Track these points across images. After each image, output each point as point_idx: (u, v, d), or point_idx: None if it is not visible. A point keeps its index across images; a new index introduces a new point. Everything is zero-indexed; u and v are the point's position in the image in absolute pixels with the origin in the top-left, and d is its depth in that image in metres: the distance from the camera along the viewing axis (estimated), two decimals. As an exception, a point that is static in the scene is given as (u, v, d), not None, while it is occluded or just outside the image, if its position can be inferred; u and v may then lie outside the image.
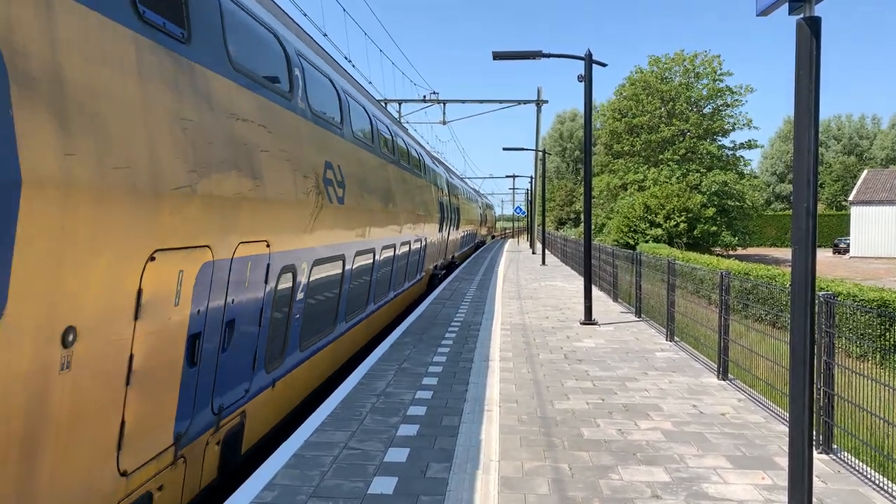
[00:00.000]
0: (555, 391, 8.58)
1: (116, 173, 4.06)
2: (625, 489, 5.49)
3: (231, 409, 6.18)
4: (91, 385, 4.01)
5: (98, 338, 4.01)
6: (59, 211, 3.57)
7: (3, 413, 3.34)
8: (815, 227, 4.32)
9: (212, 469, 5.95)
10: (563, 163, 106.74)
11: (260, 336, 6.65)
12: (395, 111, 40.73)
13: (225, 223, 5.48)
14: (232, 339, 5.98)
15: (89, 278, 3.87)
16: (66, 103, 3.69)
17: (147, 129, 4.46)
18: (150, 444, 4.78)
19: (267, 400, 7.14)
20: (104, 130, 4.01)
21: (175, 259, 4.75)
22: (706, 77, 57.01)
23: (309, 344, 8.51)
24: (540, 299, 18.50)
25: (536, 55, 13.98)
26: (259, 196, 6.14)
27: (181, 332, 5.02)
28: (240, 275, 5.92)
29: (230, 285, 5.76)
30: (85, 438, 4.02)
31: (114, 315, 4.16)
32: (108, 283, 4.05)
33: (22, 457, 3.50)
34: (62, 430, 3.79)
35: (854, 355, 8.40)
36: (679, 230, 47.17)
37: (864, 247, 54.14)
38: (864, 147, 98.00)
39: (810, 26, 4.23)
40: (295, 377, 8.03)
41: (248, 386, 6.53)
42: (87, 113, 3.87)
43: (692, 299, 11.95)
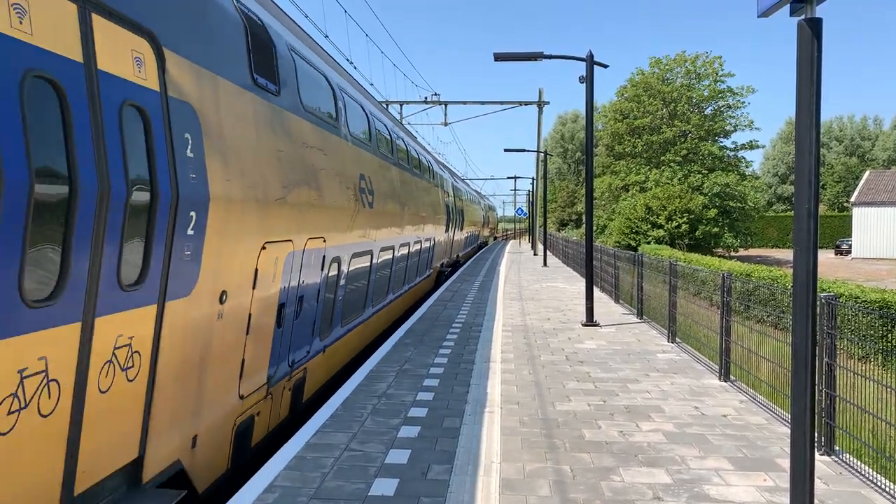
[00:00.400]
0: (556, 393, 8.57)
1: (248, 190, 5.89)
2: (626, 491, 5.48)
3: (299, 364, 8.09)
4: (230, 332, 5.85)
5: (235, 299, 5.86)
6: (223, 217, 5.38)
7: (195, 344, 5.21)
8: (816, 229, 4.31)
9: (286, 408, 7.88)
10: (565, 164, 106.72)
11: (317, 311, 8.50)
12: (397, 112, 40.75)
13: (300, 224, 7.32)
14: (301, 311, 7.81)
15: (234, 259, 5.74)
16: (224, 144, 5.50)
17: (261, 158, 6.26)
18: (255, 379, 6.63)
19: (320, 361, 9.05)
20: (241, 161, 5.81)
21: (274, 249, 6.63)
22: (707, 78, 56.97)
23: (347, 322, 10.38)
24: (541, 300, 18.49)
25: (538, 56, 13.97)
26: (320, 203, 8.01)
27: (274, 301, 6.84)
28: (307, 263, 7.77)
29: (301, 270, 7.60)
30: (226, 366, 5.89)
31: (244, 284, 6.00)
32: (242, 263, 5.91)
33: (198, 371, 5.36)
34: (216, 360, 5.64)
35: (856, 357, 8.38)
36: (681, 231, 47.13)
37: (866, 248, 54.07)
38: (866, 148, 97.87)
39: (811, 27, 4.23)
40: (337, 347, 9.86)
41: (309, 349, 8.44)
42: (233, 150, 5.67)
43: (694, 301, 11.94)
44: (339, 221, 8.93)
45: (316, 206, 7.83)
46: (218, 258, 5.42)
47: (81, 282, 3.86)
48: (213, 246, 5.28)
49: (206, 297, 5.31)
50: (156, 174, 4.54)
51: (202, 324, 5.33)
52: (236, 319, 5.94)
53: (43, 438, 3.70)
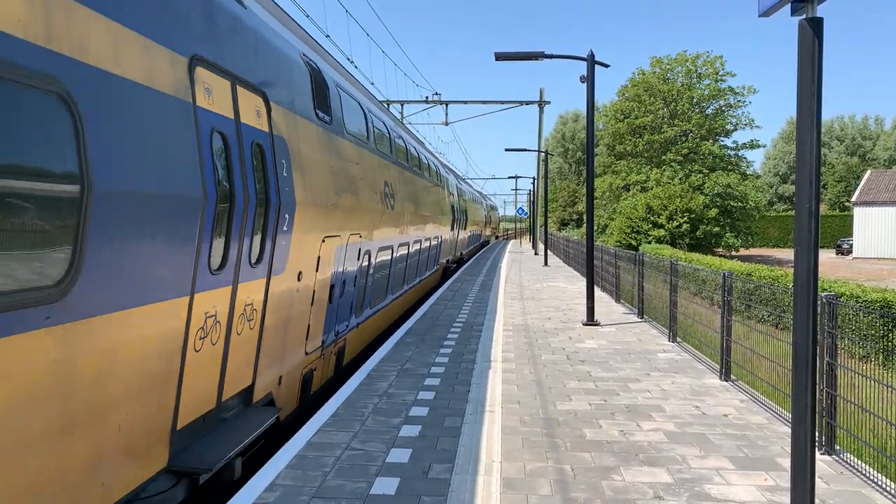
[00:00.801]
0: (557, 392, 8.58)
1: (315, 197, 7.76)
2: (627, 490, 5.49)
3: (342, 334, 9.91)
4: (302, 302, 7.69)
5: (307, 278, 7.68)
6: (302, 217, 7.18)
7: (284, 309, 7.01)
8: (817, 228, 4.31)
9: (331, 368, 9.71)
10: (566, 164, 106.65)
11: (354, 293, 10.34)
12: (398, 112, 40.74)
13: (346, 222, 9.19)
14: (344, 292, 9.66)
15: (306, 248, 7.54)
16: (301, 163, 7.36)
17: (322, 172, 8.16)
18: (315, 342, 8.48)
19: (355, 335, 10.89)
20: (311, 176, 7.69)
21: (330, 242, 8.51)
22: (708, 77, 56.95)
23: (374, 304, 12.17)
24: (542, 300, 18.49)
25: (539, 56, 13.98)
26: (358, 206, 9.88)
27: (328, 282, 8.68)
28: (349, 254, 9.64)
29: (345, 260, 9.43)
30: (299, 328, 7.70)
31: (311, 268, 7.82)
32: (310, 251, 7.74)
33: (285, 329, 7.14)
34: (294, 322, 7.46)
35: (857, 356, 8.38)
36: (682, 231, 47.12)
37: (867, 248, 54.04)
38: (867, 148, 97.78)
39: (812, 27, 4.23)
40: (366, 325, 11.68)
41: (348, 323, 10.25)
42: (306, 168, 7.53)
43: (695, 300, 11.94)
44: (371, 221, 10.82)
45: (356, 209, 9.74)
46: (298, 247, 7.29)
47: (233, 260, 5.69)
48: (296, 238, 7.18)
49: (291, 275, 7.22)
50: (269, 189, 6.38)
51: (287, 294, 7.19)
52: (306, 294, 7.86)
53: (211, 358, 5.50)
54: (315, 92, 8.26)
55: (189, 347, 5.08)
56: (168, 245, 4.63)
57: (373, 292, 11.73)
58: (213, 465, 5.19)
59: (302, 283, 7.58)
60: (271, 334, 6.77)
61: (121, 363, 4.24)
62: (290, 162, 6.98)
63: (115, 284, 4.06)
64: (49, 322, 3.49)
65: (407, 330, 13.24)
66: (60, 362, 3.63)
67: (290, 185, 6.92)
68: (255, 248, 6.17)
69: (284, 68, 7.28)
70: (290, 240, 6.99)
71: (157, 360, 4.66)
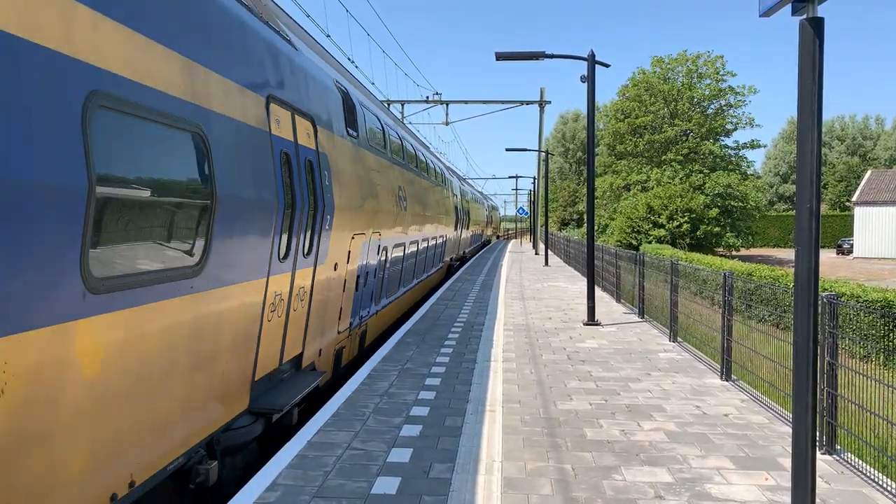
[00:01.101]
0: (558, 392, 8.58)
1: (348, 202, 9.12)
2: (628, 490, 5.49)
3: (364, 319, 11.27)
4: (336, 288, 9.05)
5: (341, 268, 9.11)
6: (338, 218, 8.47)
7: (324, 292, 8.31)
8: (818, 228, 4.32)
9: (356, 348, 11.11)
10: (566, 163, 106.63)
11: (375, 283, 11.73)
12: (398, 112, 40.74)
13: (369, 222, 10.56)
14: (367, 282, 11.02)
15: (341, 243, 8.90)
16: (338, 173, 8.72)
17: (352, 180, 9.60)
18: (345, 323, 9.90)
19: (373, 321, 12.24)
20: (344, 183, 9.08)
21: (358, 238, 9.90)
22: (709, 77, 56.95)
23: (389, 294, 13.60)
24: (543, 300, 18.49)
25: (539, 56, 13.98)
26: (378, 208, 11.20)
27: (355, 273, 10.09)
28: (371, 249, 10.97)
29: (368, 254, 10.76)
30: (334, 310, 9.09)
31: (344, 259, 9.24)
32: (343, 246, 9.10)
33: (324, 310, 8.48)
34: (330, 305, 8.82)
35: (857, 356, 8.38)
36: (682, 231, 47.12)
37: (868, 247, 54.03)
38: (868, 148, 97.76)
39: (813, 27, 4.23)
40: (383, 313, 13.13)
41: (369, 310, 11.66)
42: (341, 177, 8.92)
43: (695, 300, 11.94)
44: (388, 221, 12.21)
45: (377, 211, 11.11)
46: (335, 243, 8.66)
47: (293, 252, 7.09)
48: (334, 235, 8.53)
49: (330, 266, 8.60)
50: (316, 196, 7.78)
51: (327, 282, 8.59)
52: (340, 282, 9.22)
53: (277, 328, 6.87)
54: (346, 113, 9.83)
55: (264, 317, 6.47)
56: (257, 239, 6.08)
57: (388, 284, 13.25)
58: (283, 408, 6.66)
59: (337, 273, 9.06)
60: (315, 314, 8.23)
61: (226, 323, 5.63)
62: (330, 173, 8.47)
63: (228, 267, 5.52)
64: (192, 290, 4.96)
65: (407, 330, 13.24)
66: (195, 318, 5.08)
67: (331, 192, 8.38)
68: (306, 243, 7.59)
69: (324, 96, 8.78)
70: (330, 237, 8.43)
71: (246, 324, 6.05)
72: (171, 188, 4.71)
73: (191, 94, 4.90)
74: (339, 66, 11.59)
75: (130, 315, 4.21)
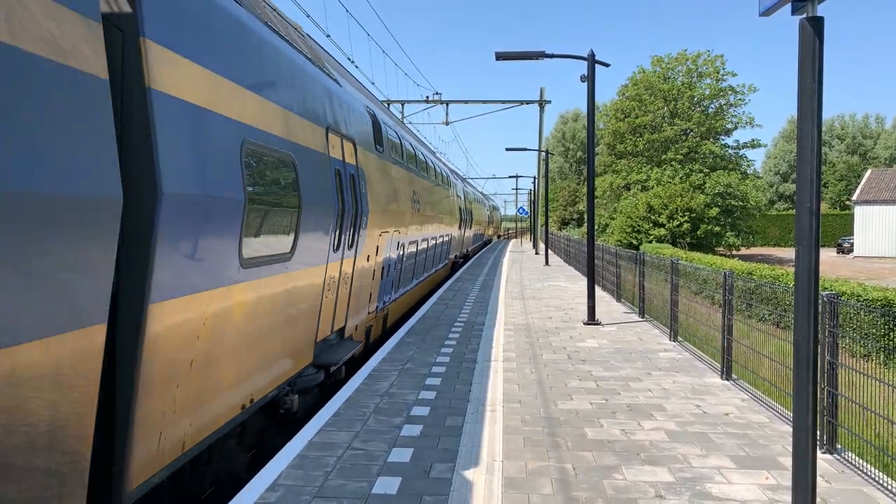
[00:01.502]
0: (558, 391, 8.58)
1: (377, 206, 10.85)
2: (628, 489, 5.49)
3: (386, 304, 13.09)
4: (367, 276, 10.68)
5: (371, 259, 10.73)
6: (371, 219, 10.33)
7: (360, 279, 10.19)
8: (818, 227, 4.32)
9: (379, 329, 12.85)
10: (566, 163, 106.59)
11: (394, 275, 13.52)
12: (398, 112, 40.72)
13: (392, 221, 12.39)
14: (389, 273, 12.80)
15: (372, 239, 10.59)
16: (370, 183, 10.50)
17: (379, 188, 11.28)
18: (373, 306, 11.64)
19: (392, 307, 13.99)
20: (375, 191, 10.79)
21: (384, 235, 11.67)
22: (709, 77, 56.89)
23: (405, 284, 15.41)
24: (543, 299, 18.49)
25: (539, 55, 13.97)
26: (398, 210, 13.08)
27: (381, 264, 11.84)
28: (392, 244, 12.76)
29: (389, 248, 12.48)
30: (366, 294, 10.71)
31: (374, 252, 10.87)
32: (373, 240, 10.74)
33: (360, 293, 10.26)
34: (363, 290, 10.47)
35: (858, 355, 8.37)
36: (682, 230, 47.08)
37: (868, 246, 54.01)
38: (868, 147, 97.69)
39: (813, 26, 4.23)
40: (400, 301, 14.93)
41: (390, 297, 13.41)
42: (372, 185, 10.61)
43: (695, 299, 11.94)
44: (405, 221, 14.04)
45: (396, 212, 12.94)
46: (369, 238, 10.48)
47: (342, 245, 8.78)
48: (368, 233, 10.34)
49: (363, 256, 10.26)
50: (356, 201, 9.49)
51: (362, 270, 10.31)
52: (370, 271, 10.97)
53: (330, 304, 8.60)
54: (374, 132, 11.59)
55: (323, 294, 8.21)
56: (322, 235, 7.79)
57: (404, 276, 15.06)
58: (337, 362, 8.62)
59: (369, 264, 10.79)
60: (354, 295, 9.98)
61: (302, 295, 7.37)
62: (365, 183, 10.24)
63: (305, 255, 7.24)
64: (286, 270, 6.69)
65: (408, 330, 13.25)
66: (286, 290, 6.79)
67: (366, 198, 10.16)
68: (350, 239, 9.24)
69: (360, 121, 10.59)
70: (365, 234, 10.17)
71: (313, 298, 7.81)
72: (279, 198, 6.49)
73: (287, 133, 6.78)
74: (363, 87, 13.79)
75: (257, 284, 5.99)
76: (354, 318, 10.22)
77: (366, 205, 10.09)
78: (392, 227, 12.50)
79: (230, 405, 5.77)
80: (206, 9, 5.33)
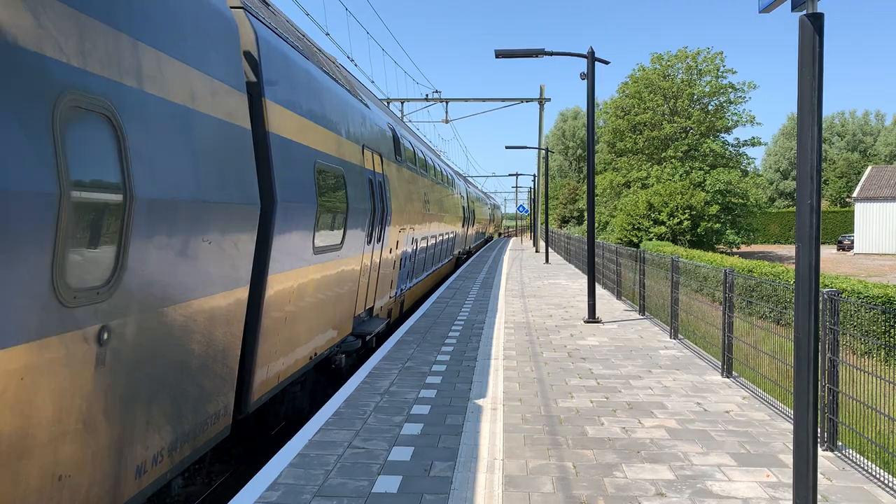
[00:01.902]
0: (559, 389, 8.58)
1: (398, 206, 13.40)
2: (629, 487, 5.49)
3: (403, 291, 15.15)
4: (390, 266, 12.97)
5: (393, 251, 13.21)
6: (394, 218, 12.81)
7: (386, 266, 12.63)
8: (819, 224, 4.31)
9: (397, 311, 14.88)
10: (566, 161, 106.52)
11: (409, 266, 15.60)
12: (398, 110, 40.68)
13: (409, 220, 14.66)
14: (405, 264, 14.84)
15: (393, 234, 12.94)
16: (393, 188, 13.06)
17: (399, 191, 13.64)
18: (394, 291, 13.83)
19: (407, 294, 15.99)
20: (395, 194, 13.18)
21: (403, 231, 14.06)
22: (709, 74, 56.81)
23: (416, 276, 17.45)
24: (543, 297, 18.49)
25: (539, 53, 13.96)
26: (413, 210, 15.30)
27: (400, 256, 13.93)
28: (408, 239, 14.82)
29: (406, 243, 14.60)
30: (390, 280, 13.22)
31: (394, 245, 13.27)
32: (394, 235, 13.01)
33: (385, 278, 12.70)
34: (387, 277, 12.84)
35: (858, 352, 8.38)
36: (683, 228, 47.04)
37: (869, 243, 53.99)
38: (868, 143, 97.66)
39: (813, 22, 4.22)
40: (414, 289, 17.23)
41: (406, 285, 15.52)
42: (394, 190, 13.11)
43: (696, 297, 11.93)
44: (418, 219, 16.39)
45: (412, 212, 15.26)
46: (392, 234, 12.56)
47: (372, 238, 10.79)
48: (391, 229, 12.43)
49: (387, 249, 12.32)
50: (382, 202, 11.44)
51: (386, 260, 12.35)
52: (392, 261, 13.01)
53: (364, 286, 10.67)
54: (394, 144, 13.68)
55: (360, 278, 10.20)
56: (361, 230, 9.88)
57: (416, 267, 17.23)
58: (371, 333, 10.68)
59: (391, 255, 12.88)
60: (381, 280, 12.06)
61: (348, 278, 9.41)
62: (389, 188, 12.36)
63: (351, 246, 9.26)
64: (338, 258, 8.67)
65: (408, 329, 13.24)
66: (338, 273, 8.80)
67: (389, 201, 12.25)
68: (378, 233, 11.23)
69: (384, 136, 12.63)
70: (389, 230, 12.24)
71: (354, 280, 9.83)
72: (335, 203, 8.44)
73: (339, 153, 8.90)
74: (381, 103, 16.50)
75: (322, 266, 8.04)
76: (380, 300, 12.54)
77: (389, 206, 12.29)
78: (408, 225, 14.79)
79: (303, 355, 7.80)
80: (293, 70, 7.43)
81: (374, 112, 12.39)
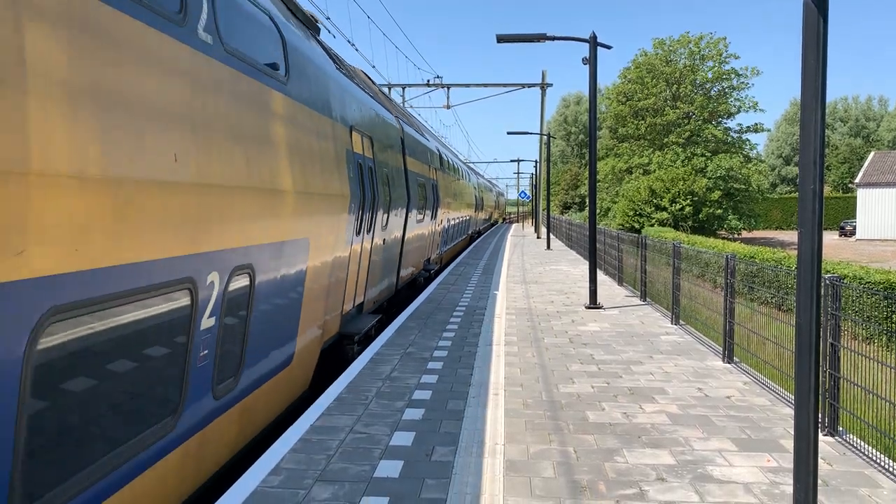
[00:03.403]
0: (560, 375, 8.59)
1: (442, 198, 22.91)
2: (630, 472, 5.51)
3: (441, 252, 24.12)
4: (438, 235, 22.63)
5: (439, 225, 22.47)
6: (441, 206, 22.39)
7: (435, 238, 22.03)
8: (821, 210, 4.28)
9: (439, 264, 24.28)
10: (568, 147, 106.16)
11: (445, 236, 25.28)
12: (399, 96, 40.55)
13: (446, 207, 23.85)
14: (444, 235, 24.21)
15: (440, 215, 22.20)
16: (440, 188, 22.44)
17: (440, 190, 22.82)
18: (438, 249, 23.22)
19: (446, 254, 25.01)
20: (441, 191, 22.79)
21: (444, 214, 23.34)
22: (712, 59, 56.48)
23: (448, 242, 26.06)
24: (545, 283, 18.49)
25: (541, 38, 13.87)
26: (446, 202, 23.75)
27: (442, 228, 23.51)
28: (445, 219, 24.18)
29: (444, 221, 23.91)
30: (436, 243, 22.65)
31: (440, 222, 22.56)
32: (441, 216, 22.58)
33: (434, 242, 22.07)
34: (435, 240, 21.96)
35: (860, 338, 8.37)
36: (684, 214, 46.98)
37: (871, 229, 53.89)
38: (871, 129, 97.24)
39: (817, 6, 4.18)
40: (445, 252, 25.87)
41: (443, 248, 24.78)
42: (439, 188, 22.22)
43: (697, 283, 11.93)
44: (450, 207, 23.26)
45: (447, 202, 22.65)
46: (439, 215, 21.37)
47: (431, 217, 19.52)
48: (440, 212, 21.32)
49: (438, 222, 20.92)
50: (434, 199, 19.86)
51: (436, 229, 21.05)
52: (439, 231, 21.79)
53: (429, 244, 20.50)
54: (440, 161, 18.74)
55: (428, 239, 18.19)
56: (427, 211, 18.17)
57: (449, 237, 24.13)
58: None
59: (439, 227, 20.77)
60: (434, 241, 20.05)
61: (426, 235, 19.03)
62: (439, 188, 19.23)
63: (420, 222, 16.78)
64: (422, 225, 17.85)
65: (410, 314, 13.26)
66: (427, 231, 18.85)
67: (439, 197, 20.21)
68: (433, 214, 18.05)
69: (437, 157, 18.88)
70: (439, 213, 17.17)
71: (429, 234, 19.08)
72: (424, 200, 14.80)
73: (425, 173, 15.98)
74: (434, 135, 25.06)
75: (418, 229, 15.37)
76: (435, 253, 20.97)
77: (439, 199, 19.99)
78: (445, 210, 22.35)
79: (410, 272, 12.75)
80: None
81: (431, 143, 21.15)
